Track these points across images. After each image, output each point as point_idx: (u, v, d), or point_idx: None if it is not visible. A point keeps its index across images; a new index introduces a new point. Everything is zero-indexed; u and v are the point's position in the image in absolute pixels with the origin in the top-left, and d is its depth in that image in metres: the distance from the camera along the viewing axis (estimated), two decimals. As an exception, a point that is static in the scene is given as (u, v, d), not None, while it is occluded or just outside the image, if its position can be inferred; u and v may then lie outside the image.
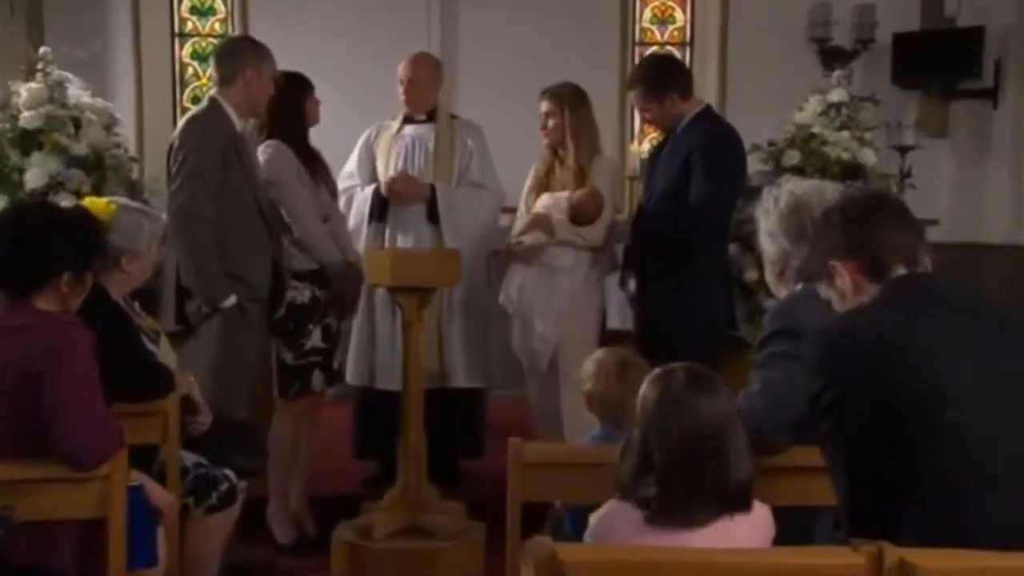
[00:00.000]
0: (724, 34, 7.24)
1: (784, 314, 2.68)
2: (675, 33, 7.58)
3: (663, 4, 7.54)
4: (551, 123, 4.48)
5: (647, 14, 7.55)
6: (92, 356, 2.61)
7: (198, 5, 7.25)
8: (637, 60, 7.25)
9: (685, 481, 2.06)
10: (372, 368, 4.71)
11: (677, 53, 7.45)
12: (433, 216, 4.63)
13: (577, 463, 2.72)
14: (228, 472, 3.41)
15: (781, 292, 2.83)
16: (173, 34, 7.23)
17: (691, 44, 7.57)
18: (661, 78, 4.28)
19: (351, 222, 4.66)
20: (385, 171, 4.68)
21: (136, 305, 3.55)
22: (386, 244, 4.63)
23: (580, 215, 4.42)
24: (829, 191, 2.78)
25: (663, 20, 7.57)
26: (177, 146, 3.92)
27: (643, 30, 7.54)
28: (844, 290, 2.23)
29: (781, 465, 2.52)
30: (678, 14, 7.57)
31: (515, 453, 2.69)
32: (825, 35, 6.96)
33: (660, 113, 4.30)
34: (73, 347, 2.59)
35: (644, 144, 7.40)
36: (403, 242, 4.63)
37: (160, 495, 2.91)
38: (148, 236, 3.37)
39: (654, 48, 7.50)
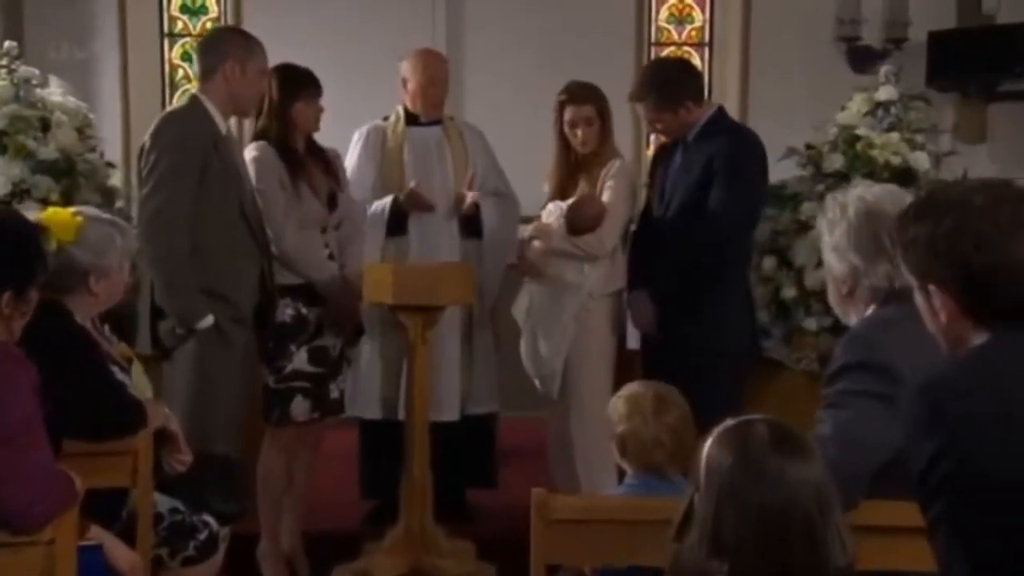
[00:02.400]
0: (746, 34, 6.90)
1: (860, 343, 2.30)
2: (693, 33, 7.22)
3: (680, 2, 7.19)
4: (592, 129, 4.11)
5: (663, 13, 7.20)
6: (35, 395, 2.23)
7: (189, 4, 6.91)
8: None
9: (768, 568, 1.64)
10: (383, 398, 4.36)
11: (695, 54, 7.12)
12: (470, 231, 4.34)
13: (612, 519, 2.33)
14: (208, 518, 3.07)
15: (850, 317, 2.45)
16: (162, 34, 6.88)
17: (710, 45, 7.20)
18: (674, 87, 3.96)
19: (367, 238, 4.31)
20: (403, 180, 4.33)
21: (106, 329, 3.19)
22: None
23: (575, 223, 4.07)
24: (907, 198, 2.40)
25: (680, 19, 7.21)
26: (149, 146, 3.57)
27: (659, 29, 7.19)
28: (936, 312, 1.79)
29: (856, 523, 2.13)
30: (696, 13, 7.21)
31: (539, 507, 2.30)
32: (854, 34, 6.63)
33: (674, 123, 3.98)
34: (11, 386, 2.20)
35: (660, 149, 7.09)
36: (431, 259, 4.28)
37: (123, 556, 2.56)
38: (120, 252, 3.03)
39: (671, 49, 7.14)
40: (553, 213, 4.14)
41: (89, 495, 2.54)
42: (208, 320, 3.54)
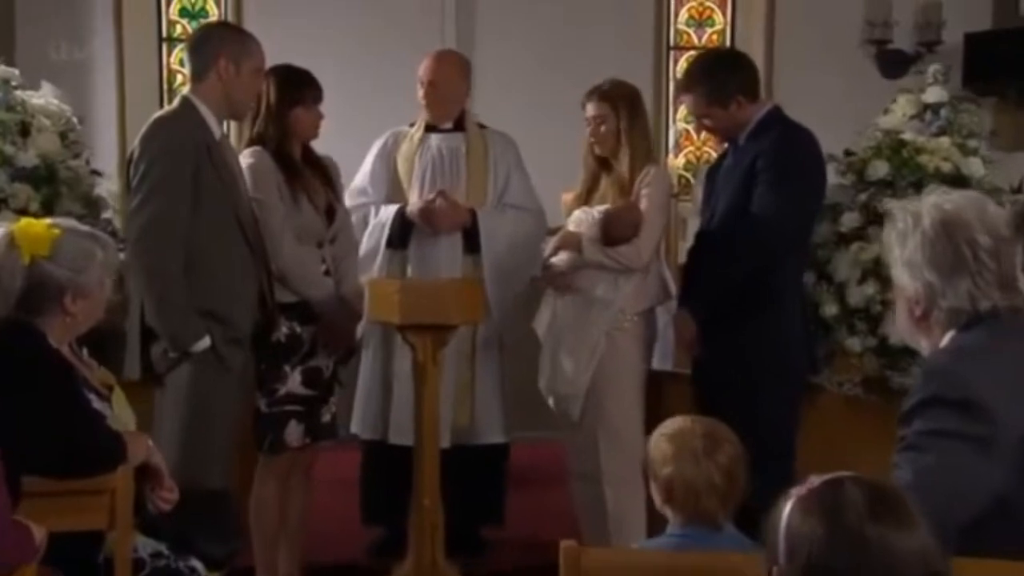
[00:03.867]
0: (769, 38, 6.72)
1: (939, 376, 2.02)
2: (714, 37, 7.06)
3: (701, 5, 7.00)
4: (603, 129, 3.86)
5: (683, 15, 7.02)
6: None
7: (188, 7, 6.75)
8: (672, 66, 6.82)
9: None
10: (385, 418, 4.16)
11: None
12: (471, 246, 4.13)
13: (656, 576, 2.03)
14: (195, 563, 2.81)
15: (921, 343, 2.16)
16: (160, 39, 6.74)
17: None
18: (725, 79, 3.67)
19: (364, 247, 4.12)
20: (411, 188, 4.17)
21: (84, 352, 2.92)
22: (409, 276, 4.12)
23: (611, 232, 3.80)
24: (991, 206, 2.10)
25: (700, 23, 7.03)
26: (138, 154, 3.33)
27: (679, 33, 7.01)
28: None
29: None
30: (717, 16, 7.03)
31: (570, 560, 2.01)
32: (884, 37, 6.42)
33: (724, 119, 3.68)
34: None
35: (680, 158, 6.82)
36: (430, 274, 4.09)
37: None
38: (100, 268, 2.74)
39: (690, 53, 6.89)
40: (584, 221, 3.87)
41: (60, 540, 2.36)
42: (204, 343, 3.30)
